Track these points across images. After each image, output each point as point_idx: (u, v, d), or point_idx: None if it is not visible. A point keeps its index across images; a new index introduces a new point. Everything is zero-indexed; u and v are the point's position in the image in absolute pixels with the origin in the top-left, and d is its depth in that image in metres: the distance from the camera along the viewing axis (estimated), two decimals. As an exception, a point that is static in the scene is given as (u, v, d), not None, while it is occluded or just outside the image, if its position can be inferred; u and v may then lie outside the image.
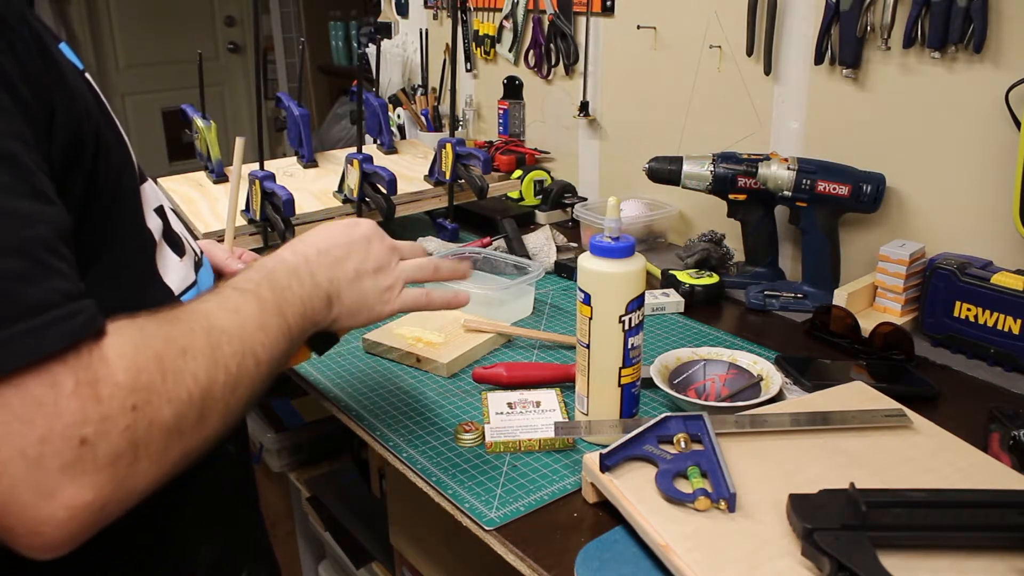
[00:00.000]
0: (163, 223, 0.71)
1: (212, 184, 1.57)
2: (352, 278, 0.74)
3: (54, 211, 0.51)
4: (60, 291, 0.49)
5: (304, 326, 0.68)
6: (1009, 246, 1.13)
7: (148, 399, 0.50)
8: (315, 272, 0.71)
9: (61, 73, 0.57)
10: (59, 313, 0.48)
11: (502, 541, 0.76)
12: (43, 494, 0.45)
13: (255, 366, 0.59)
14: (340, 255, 0.74)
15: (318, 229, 0.78)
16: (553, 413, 0.95)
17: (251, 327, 0.60)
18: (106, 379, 0.48)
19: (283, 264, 0.70)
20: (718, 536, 0.68)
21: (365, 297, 0.75)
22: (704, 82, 1.50)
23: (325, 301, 0.71)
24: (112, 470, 0.48)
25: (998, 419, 0.86)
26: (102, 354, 0.49)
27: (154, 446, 0.50)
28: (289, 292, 0.67)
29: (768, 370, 1.00)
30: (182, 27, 4.29)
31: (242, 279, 0.65)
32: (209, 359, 0.55)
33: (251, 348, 0.59)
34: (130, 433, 0.48)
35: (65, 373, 0.47)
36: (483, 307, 1.20)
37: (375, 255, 0.77)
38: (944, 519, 0.67)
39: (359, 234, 0.77)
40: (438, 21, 2.15)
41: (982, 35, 1.09)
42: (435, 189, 1.57)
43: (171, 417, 0.51)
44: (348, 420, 1.00)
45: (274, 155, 2.66)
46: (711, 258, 1.37)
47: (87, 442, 0.46)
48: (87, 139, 0.58)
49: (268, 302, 0.64)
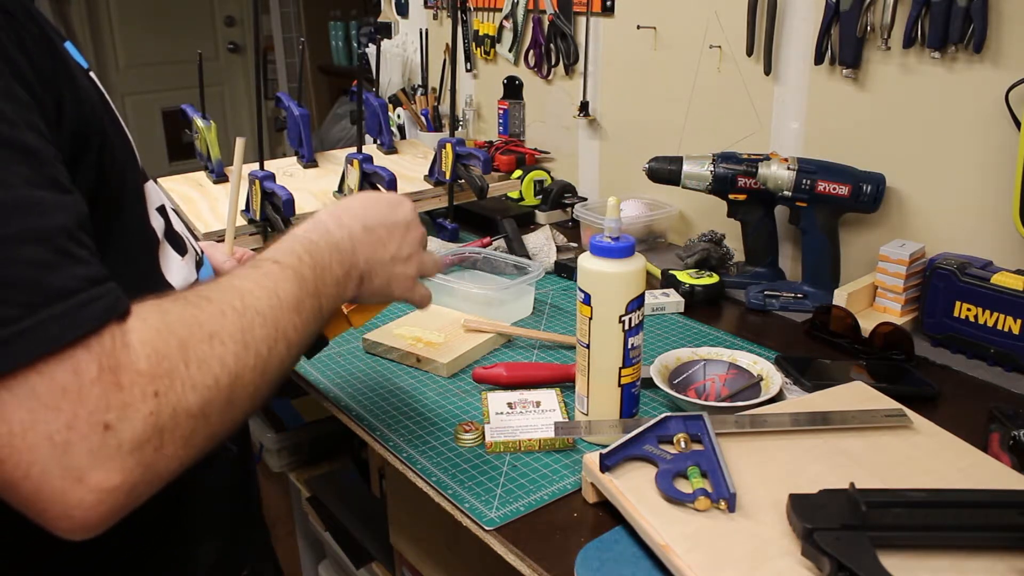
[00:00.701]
0: (165, 222, 0.72)
1: (212, 184, 1.57)
2: (387, 261, 0.74)
3: (72, 200, 0.52)
4: (82, 277, 0.49)
5: (333, 305, 0.68)
6: (1009, 246, 1.13)
7: (171, 385, 0.50)
8: (357, 250, 0.71)
9: (69, 70, 0.58)
10: (83, 298, 0.48)
11: (502, 541, 0.76)
12: (72, 479, 0.46)
13: (287, 348, 0.59)
14: (383, 236, 0.74)
15: (362, 198, 0.77)
16: (553, 413, 0.95)
17: (288, 308, 0.60)
18: (127, 366, 0.48)
19: (327, 238, 0.69)
20: (718, 536, 0.68)
21: (391, 281, 0.76)
22: (704, 82, 1.50)
23: (358, 280, 0.71)
24: (139, 454, 0.48)
25: (998, 419, 0.86)
26: (125, 341, 0.49)
27: (180, 431, 0.50)
28: (329, 273, 0.66)
29: (768, 370, 1.00)
30: (182, 27, 4.29)
31: (285, 251, 0.64)
32: (239, 343, 0.55)
33: (284, 331, 0.59)
34: (154, 419, 0.49)
35: (89, 360, 0.47)
36: (483, 307, 1.20)
37: (410, 241, 0.77)
38: (944, 519, 0.67)
39: (402, 217, 0.77)
40: (438, 21, 2.15)
41: (982, 35, 1.09)
42: (435, 189, 1.57)
43: (197, 403, 0.51)
44: (348, 420, 1.00)
45: (274, 155, 2.66)
46: (711, 258, 1.37)
47: (111, 428, 0.47)
48: (93, 137, 0.58)
49: (308, 281, 0.63)
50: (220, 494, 0.77)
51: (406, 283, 0.78)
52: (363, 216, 0.74)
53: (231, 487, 0.80)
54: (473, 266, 1.35)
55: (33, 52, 0.54)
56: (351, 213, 0.74)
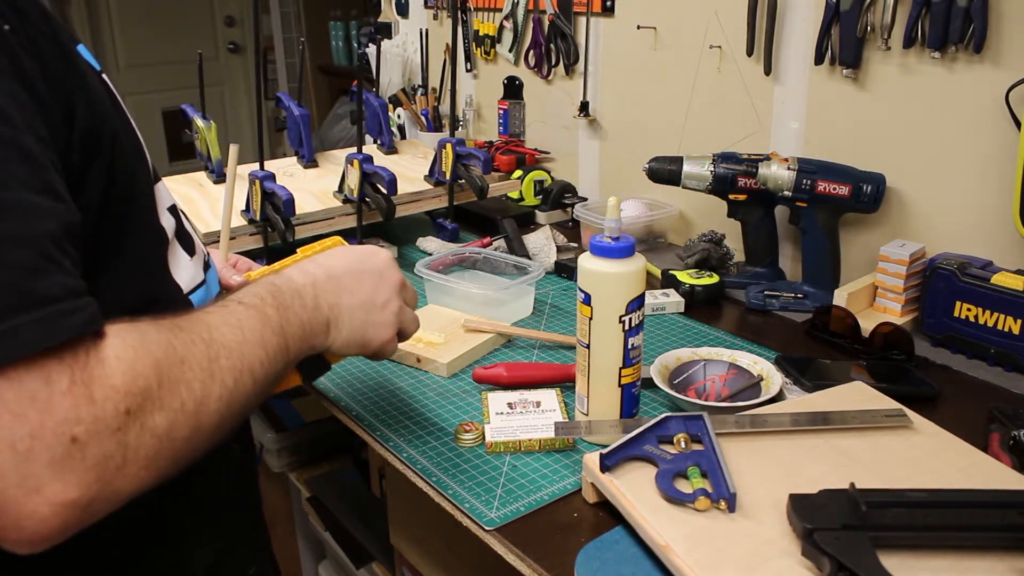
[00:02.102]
0: (176, 222, 0.72)
1: (212, 184, 1.57)
2: (355, 308, 0.74)
3: (63, 208, 0.52)
4: (65, 286, 0.49)
5: (302, 348, 0.68)
6: (1009, 246, 1.13)
7: (142, 404, 0.50)
8: (319, 296, 0.71)
9: (80, 72, 0.58)
10: (63, 307, 0.48)
11: (502, 541, 0.77)
12: (29, 488, 0.46)
13: (252, 382, 0.60)
14: (349, 283, 0.74)
15: (335, 252, 0.78)
16: (553, 413, 0.95)
17: (252, 343, 0.61)
18: (102, 380, 0.48)
19: (290, 284, 0.70)
20: (718, 536, 0.68)
21: (364, 330, 0.75)
22: (704, 82, 1.50)
23: (324, 326, 0.71)
24: (100, 470, 0.48)
25: (998, 419, 0.86)
26: (100, 356, 0.49)
27: (144, 451, 0.50)
28: (291, 313, 0.67)
29: (768, 370, 1.00)
30: (182, 27, 4.29)
31: (248, 294, 0.65)
32: (206, 371, 0.55)
33: (249, 364, 0.59)
34: (121, 435, 0.49)
35: (61, 370, 0.47)
36: (483, 307, 1.20)
37: (384, 290, 0.77)
38: (944, 519, 0.67)
39: (373, 266, 0.77)
40: (438, 21, 2.15)
41: (982, 35, 1.09)
42: (435, 189, 1.57)
43: (164, 424, 0.51)
44: (348, 420, 1.00)
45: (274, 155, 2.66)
46: (711, 258, 1.37)
47: (77, 440, 0.47)
48: (104, 137, 0.59)
49: (271, 320, 0.64)
50: (221, 496, 0.77)
51: (385, 331, 0.77)
52: (328, 266, 0.75)
53: (232, 489, 0.80)
54: (473, 266, 1.35)
55: (45, 53, 0.54)
56: (316, 263, 0.75)
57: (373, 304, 0.76)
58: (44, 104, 0.53)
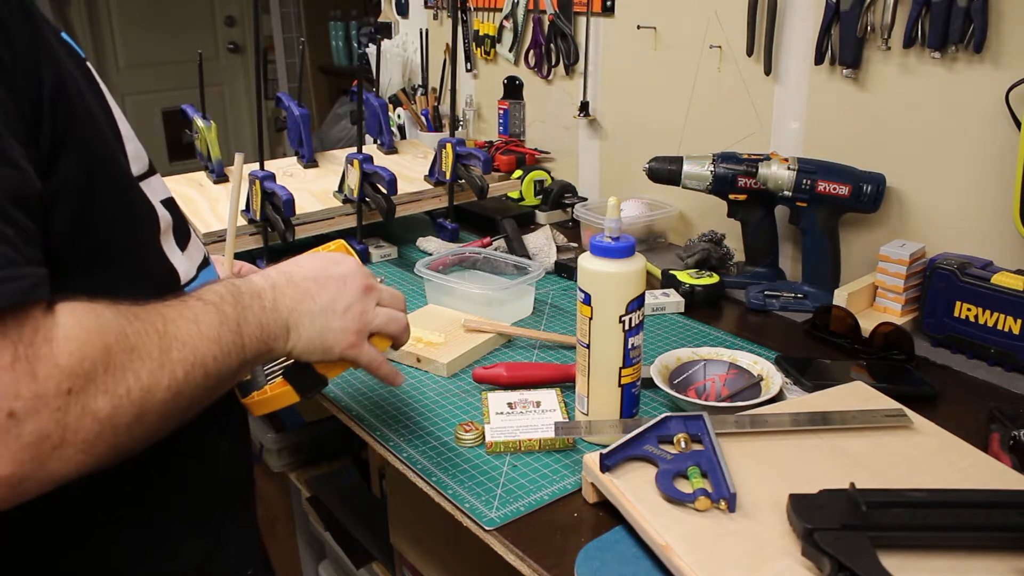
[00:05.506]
0: (171, 216, 0.72)
1: (212, 184, 1.57)
2: (315, 313, 0.73)
3: (17, 175, 0.51)
4: (2, 255, 0.48)
5: (260, 349, 0.68)
6: (1009, 246, 1.13)
7: (85, 386, 0.50)
8: (278, 299, 0.71)
9: (48, 43, 0.58)
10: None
11: (502, 541, 0.77)
12: None
13: (203, 376, 0.59)
14: (309, 288, 0.74)
15: (301, 258, 0.78)
16: (553, 413, 0.95)
17: (207, 338, 0.60)
18: (47, 359, 0.48)
19: (250, 286, 0.70)
20: (718, 536, 0.68)
21: (324, 335, 0.74)
22: (704, 82, 1.50)
23: (283, 329, 0.71)
24: (35, 449, 0.48)
25: (998, 419, 0.86)
26: (49, 334, 0.49)
27: (83, 433, 0.50)
28: (250, 312, 0.67)
29: (768, 370, 1.00)
30: (182, 27, 4.29)
31: (209, 291, 0.65)
32: (156, 361, 0.55)
33: (202, 358, 0.59)
34: (60, 415, 0.48)
35: (4, 345, 0.47)
36: (483, 307, 1.20)
37: (347, 296, 0.76)
38: (944, 519, 0.67)
39: (337, 272, 0.76)
40: (438, 21, 2.15)
41: (982, 35, 1.09)
42: (435, 189, 1.57)
43: (106, 408, 0.51)
44: (348, 420, 1.00)
45: (274, 155, 2.66)
46: (711, 258, 1.37)
47: (15, 416, 0.46)
48: (79, 114, 0.59)
49: (229, 317, 0.64)
50: (207, 493, 0.77)
51: (346, 337, 0.76)
52: (290, 272, 0.74)
53: (220, 486, 0.79)
54: (473, 266, 1.35)
55: (9, 23, 0.54)
56: (278, 269, 0.75)
57: (333, 310, 0.75)
58: (7, 71, 0.52)
